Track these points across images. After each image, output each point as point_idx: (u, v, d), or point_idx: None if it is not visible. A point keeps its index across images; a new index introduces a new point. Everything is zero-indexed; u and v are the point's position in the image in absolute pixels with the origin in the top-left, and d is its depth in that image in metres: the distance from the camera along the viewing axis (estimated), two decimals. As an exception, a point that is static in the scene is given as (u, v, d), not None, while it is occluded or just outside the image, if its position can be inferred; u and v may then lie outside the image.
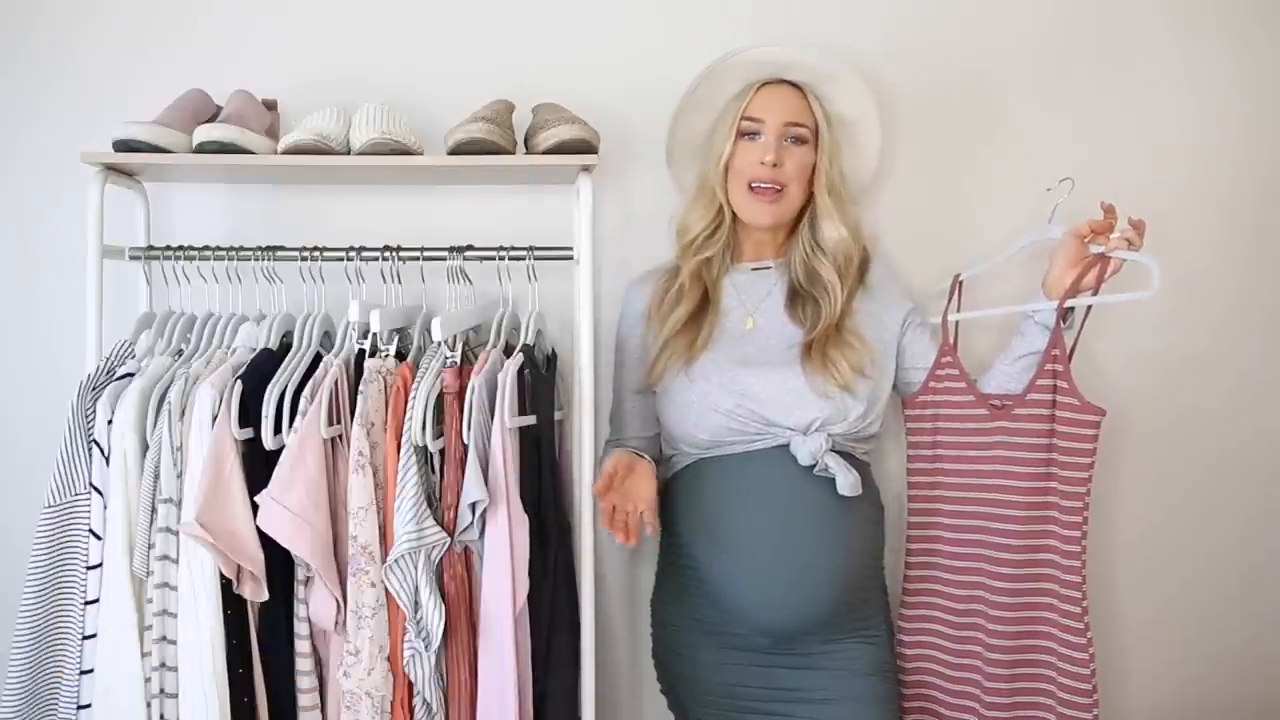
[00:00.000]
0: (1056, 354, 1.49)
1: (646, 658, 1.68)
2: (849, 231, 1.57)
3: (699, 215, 1.61)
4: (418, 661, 1.40)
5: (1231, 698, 1.90)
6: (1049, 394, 1.49)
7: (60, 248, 1.77)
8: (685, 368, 1.55)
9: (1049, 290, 1.52)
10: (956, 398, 1.61)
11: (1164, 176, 1.83)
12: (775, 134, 1.54)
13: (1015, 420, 1.52)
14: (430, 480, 1.46)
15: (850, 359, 1.51)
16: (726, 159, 1.57)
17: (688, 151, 1.67)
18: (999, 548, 1.54)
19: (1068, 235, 1.50)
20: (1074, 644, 1.49)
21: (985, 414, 1.57)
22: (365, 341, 1.51)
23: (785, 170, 1.54)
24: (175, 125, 1.55)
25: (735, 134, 1.56)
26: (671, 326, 1.58)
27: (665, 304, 1.61)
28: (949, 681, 1.62)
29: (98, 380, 1.48)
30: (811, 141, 1.57)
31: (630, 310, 1.68)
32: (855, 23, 1.82)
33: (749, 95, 1.56)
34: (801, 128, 1.56)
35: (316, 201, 1.79)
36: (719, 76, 1.58)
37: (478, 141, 1.53)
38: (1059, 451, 1.48)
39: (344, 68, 1.78)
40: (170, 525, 1.41)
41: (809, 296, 1.58)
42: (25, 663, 1.42)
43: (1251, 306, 1.86)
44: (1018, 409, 1.52)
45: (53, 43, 1.78)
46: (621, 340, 1.69)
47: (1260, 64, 1.84)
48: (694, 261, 1.60)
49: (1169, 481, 1.87)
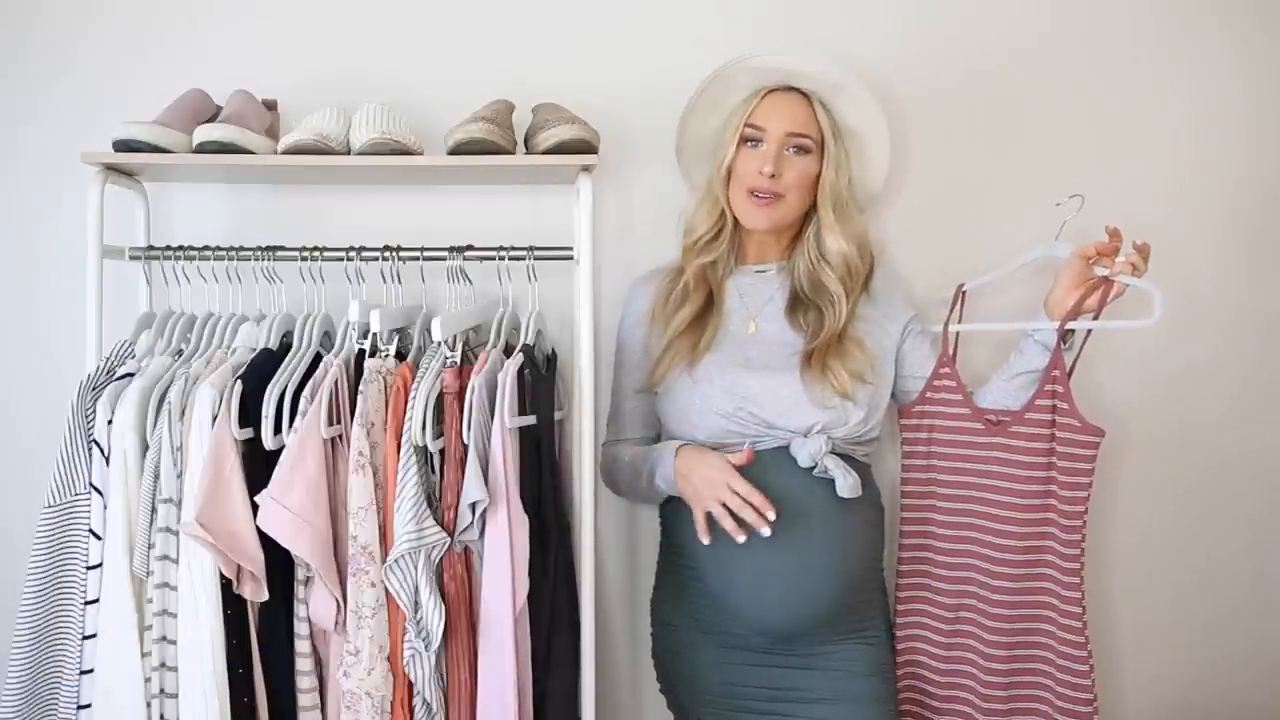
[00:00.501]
0: (1056, 374, 1.50)
1: (646, 658, 1.68)
2: (854, 245, 1.57)
3: (703, 217, 1.61)
4: (418, 661, 1.40)
5: (1233, 703, 1.90)
6: (1049, 414, 1.50)
7: (60, 248, 1.77)
8: (689, 369, 1.54)
9: (1051, 310, 1.52)
10: (953, 409, 1.61)
11: (1166, 183, 1.83)
12: (776, 143, 1.53)
13: (1013, 438, 1.54)
14: (430, 480, 1.46)
15: (850, 367, 1.51)
16: (729, 164, 1.56)
17: (700, 149, 1.66)
18: (994, 560, 1.56)
19: (1073, 256, 1.50)
20: (1074, 656, 1.50)
21: (981, 428, 1.58)
22: (365, 341, 1.51)
23: (784, 180, 1.53)
24: (175, 125, 1.55)
25: (738, 140, 1.56)
26: (676, 327, 1.58)
27: (670, 304, 1.61)
28: (939, 688, 1.63)
29: (98, 380, 1.48)
30: (816, 152, 1.56)
31: (633, 309, 1.68)
32: (860, 27, 1.81)
33: (755, 101, 1.56)
34: (805, 138, 1.55)
35: (316, 201, 1.79)
36: (727, 79, 1.57)
37: (478, 141, 1.53)
38: (1059, 470, 1.49)
39: (344, 68, 1.78)
40: (170, 525, 1.41)
41: (812, 304, 1.58)
42: (25, 663, 1.42)
43: (1253, 314, 1.86)
44: (1016, 426, 1.53)
45: (53, 43, 1.78)
46: (623, 339, 1.68)
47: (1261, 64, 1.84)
48: (697, 263, 1.60)
49: (1167, 487, 1.87)
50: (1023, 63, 1.83)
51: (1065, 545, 1.50)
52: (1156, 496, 1.86)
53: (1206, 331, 1.85)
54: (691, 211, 1.64)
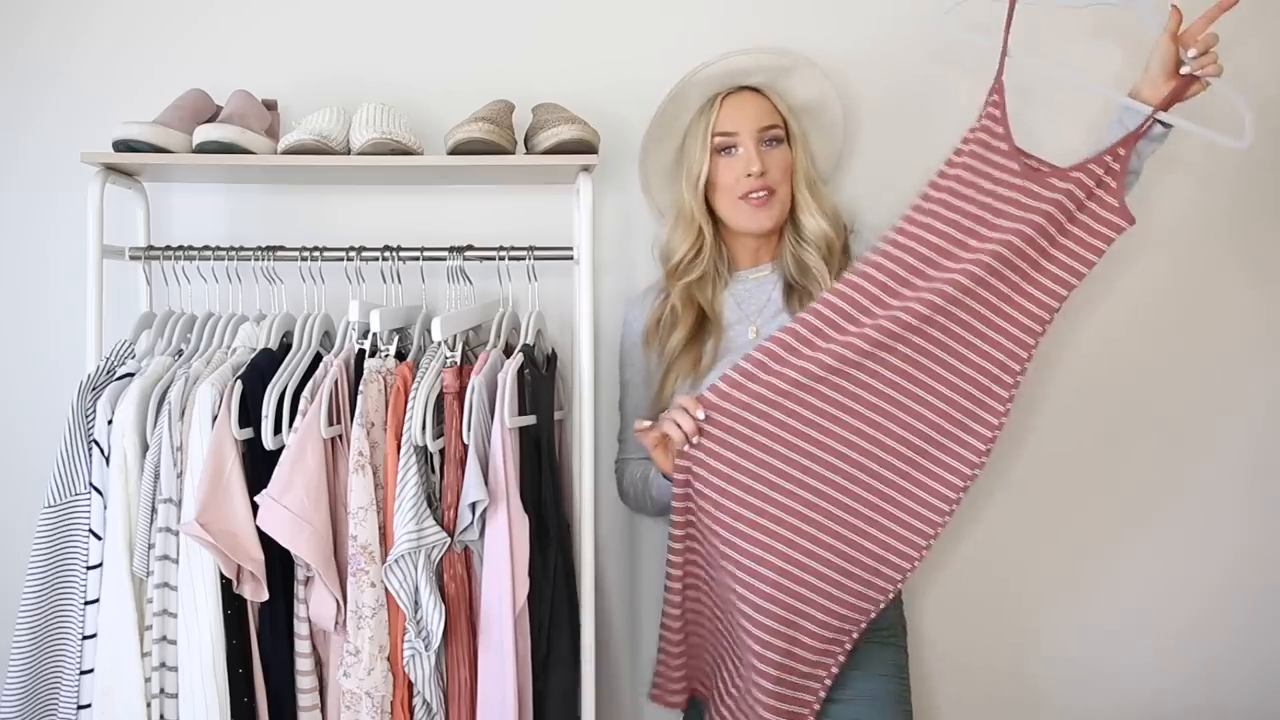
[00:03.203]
0: (1122, 153, 1.38)
1: (647, 658, 1.68)
2: (828, 221, 1.57)
3: (680, 238, 1.60)
4: (418, 661, 1.40)
5: (1227, 705, 1.90)
6: (1093, 180, 1.38)
7: (60, 248, 1.77)
8: (695, 387, 1.54)
9: (1143, 93, 1.40)
10: (993, 140, 1.42)
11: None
12: (753, 141, 1.54)
13: (1046, 188, 1.38)
14: (430, 480, 1.46)
15: None
16: (706, 177, 1.56)
17: (661, 175, 1.67)
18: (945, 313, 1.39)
19: (1165, 36, 1.37)
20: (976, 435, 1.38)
21: (1017, 169, 1.41)
22: (365, 341, 1.51)
23: (771, 175, 1.54)
24: (175, 125, 1.55)
25: (710, 152, 1.55)
26: (673, 349, 1.58)
27: (662, 327, 1.61)
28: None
29: (98, 380, 1.48)
30: (785, 140, 1.57)
31: (630, 332, 1.67)
32: (847, 13, 1.79)
33: (714, 110, 1.56)
34: (776, 128, 1.56)
35: (316, 201, 1.79)
36: (680, 98, 1.58)
37: (478, 141, 1.53)
38: (1070, 238, 1.38)
39: (344, 68, 1.78)
40: (170, 525, 1.41)
41: (803, 289, 1.57)
42: (25, 663, 1.42)
43: (1245, 303, 1.86)
44: (1053, 178, 1.39)
45: (52, 43, 1.78)
46: (624, 360, 1.68)
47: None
48: (681, 285, 1.59)
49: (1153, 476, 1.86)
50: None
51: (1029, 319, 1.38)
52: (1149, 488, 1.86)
53: (1190, 321, 1.85)
54: (665, 236, 1.63)
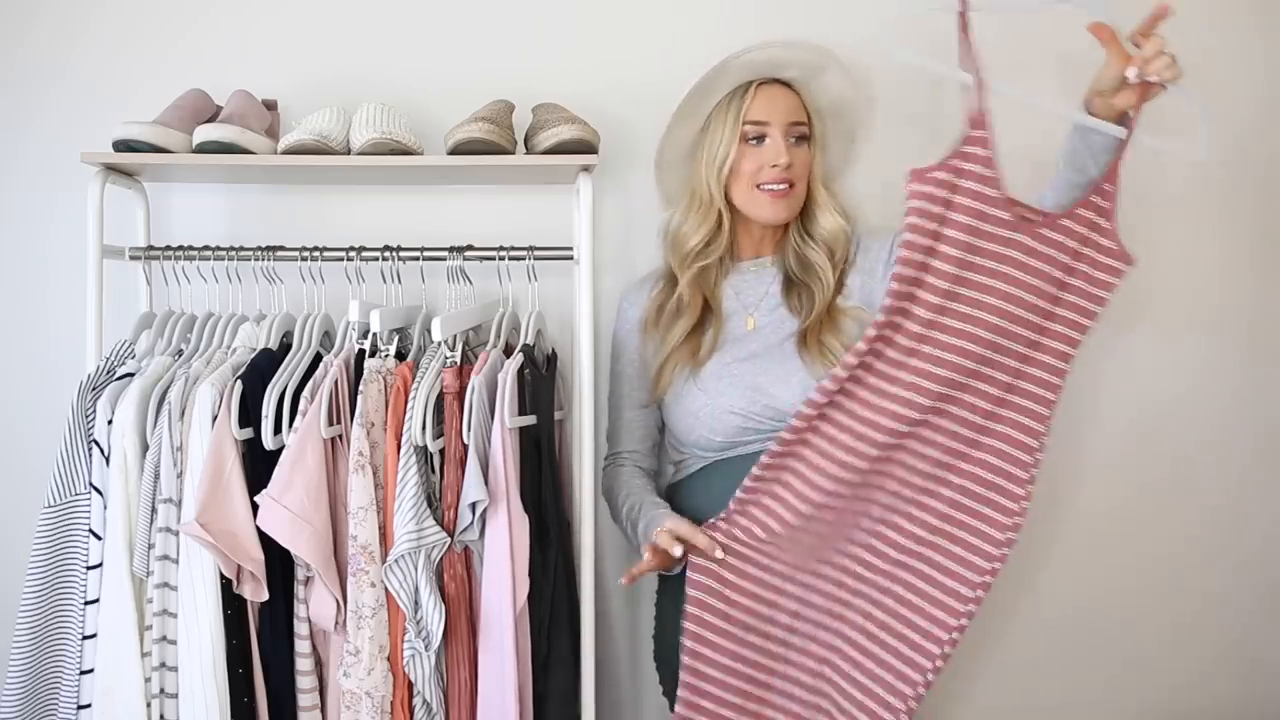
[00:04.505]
0: (1108, 189, 1.34)
1: (647, 658, 1.68)
2: (843, 217, 1.57)
3: (695, 224, 1.57)
4: (418, 661, 1.40)
5: (1226, 705, 1.90)
6: (1085, 226, 1.34)
7: (60, 248, 1.77)
8: (693, 376, 1.53)
9: (1095, 106, 1.35)
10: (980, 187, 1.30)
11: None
12: (783, 134, 1.53)
13: (1039, 241, 1.33)
14: (430, 480, 1.46)
15: (845, 340, 1.49)
16: (731, 164, 1.54)
17: (675, 160, 1.65)
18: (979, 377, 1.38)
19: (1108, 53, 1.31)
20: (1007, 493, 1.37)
21: (1010, 220, 1.32)
22: (365, 341, 1.51)
23: (795, 169, 1.53)
24: (175, 125, 1.55)
25: (739, 139, 1.54)
26: (675, 339, 1.56)
27: (664, 317, 1.59)
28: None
29: (98, 380, 1.48)
30: (809, 138, 1.57)
31: (625, 321, 1.65)
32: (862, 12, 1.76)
33: (748, 98, 1.54)
34: (803, 125, 1.55)
35: (316, 201, 1.79)
36: (712, 82, 1.55)
37: (478, 141, 1.53)
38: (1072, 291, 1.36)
39: (344, 68, 1.78)
40: (170, 525, 1.41)
41: (804, 285, 1.57)
42: (25, 663, 1.42)
43: (1239, 306, 1.86)
44: (1044, 229, 1.33)
45: (53, 43, 1.78)
46: (617, 352, 1.65)
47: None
48: (691, 273, 1.57)
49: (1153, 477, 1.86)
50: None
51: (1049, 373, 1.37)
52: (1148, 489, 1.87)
53: (1188, 320, 1.85)
54: (676, 223, 1.60)
